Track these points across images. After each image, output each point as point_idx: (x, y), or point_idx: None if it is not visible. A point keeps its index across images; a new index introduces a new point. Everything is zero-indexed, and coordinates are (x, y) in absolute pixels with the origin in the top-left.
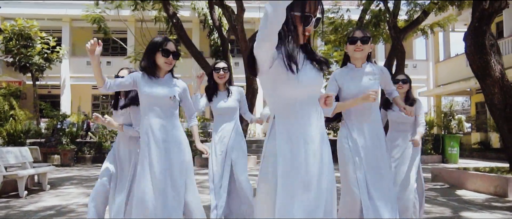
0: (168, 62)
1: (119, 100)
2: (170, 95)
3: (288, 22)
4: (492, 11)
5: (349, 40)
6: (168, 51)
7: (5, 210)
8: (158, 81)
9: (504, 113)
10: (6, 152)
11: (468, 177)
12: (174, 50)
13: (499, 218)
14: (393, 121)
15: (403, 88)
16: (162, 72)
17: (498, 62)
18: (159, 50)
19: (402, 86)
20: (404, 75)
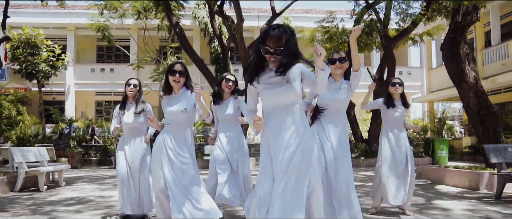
0: (176, 79)
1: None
2: (181, 109)
3: (257, 52)
4: (464, 24)
5: (329, 61)
6: (175, 71)
7: (31, 201)
8: (173, 99)
9: (478, 115)
10: (27, 151)
11: (447, 174)
12: (180, 69)
13: (465, 205)
14: (390, 118)
15: (399, 90)
16: (176, 89)
17: (472, 69)
18: (169, 72)
19: (398, 88)
20: (398, 79)
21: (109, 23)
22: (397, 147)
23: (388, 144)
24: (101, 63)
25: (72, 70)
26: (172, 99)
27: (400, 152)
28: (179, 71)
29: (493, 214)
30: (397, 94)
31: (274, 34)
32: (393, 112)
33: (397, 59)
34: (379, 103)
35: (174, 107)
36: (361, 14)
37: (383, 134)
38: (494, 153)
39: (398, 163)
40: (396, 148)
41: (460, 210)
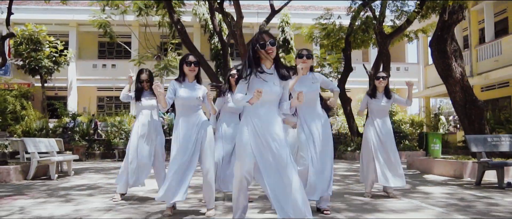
0: (191, 69)
1: (141, 93)
2: (196, 96)
3: (252, 53)
4: (451, 22)
5: (297, 55)
6: (190, 62)
7: (45, 187)
8: (188, 86)
9: (464, 109)
10: (38, 141)
11: (435, 164)
12: (194, 60)
13: (446, 190)
14: (373, 109)
15: (383, 83)
16: (190, 77)
17: (459, 65)
18: (184, 63)
19: (382, 82)
20: (383, 73)
21: (111, 20)
22: (382, 133)
23: (374, 131)
24: (103, 59)
25: (74, 66)
26: (187, 86)
27: (386, 138)
28: (194, 62)
29: (468, 196)
30: (381, 87)
31: (265, 32)
32: (377, 102)
33: (394, 56)
34: (365, 98)
35: (191, 94)
36: (358, 12)
37: (367, 123)
38: (475, 142)
39: (385, 147)
40: (381, 134)
41: (439, 194)
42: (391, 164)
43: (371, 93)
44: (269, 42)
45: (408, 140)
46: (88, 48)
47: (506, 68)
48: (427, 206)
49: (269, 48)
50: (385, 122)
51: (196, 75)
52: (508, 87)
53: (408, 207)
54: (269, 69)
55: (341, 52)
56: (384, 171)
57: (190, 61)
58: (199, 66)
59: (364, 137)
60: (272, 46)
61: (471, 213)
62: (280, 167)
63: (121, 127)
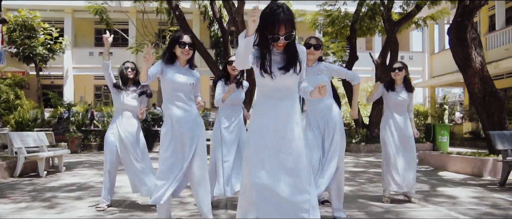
0: (185, 52)
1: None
2: (189, 82)
3: (262, 39)
4: (472, 7)
5: (305, 45)
6: (184, 43)
7: (31, 187)
8: (181, 70)
9: (483, 101)
10: (26, 135)
11: (450, 160)
12: (189, 42)
13: (471, 192)
14: (391, 103)
15: (399, 75)
16: (182, 61)
17: (479, 54)
18: (177, 43)
19: (398, 74)
20: (399, 63)
21: (107, 6)
22: (402, 132)
23: (390, 130)
24: (100, 47)
25: (70, 54)
26: (180, 70)
27: (406, 137)
28: (189, 44)
29: (499, 201)
30: (399, 79)
31: (283, 19)
32: (395, 96)
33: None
34: (381, 89)
35: (183, 79)
36: None
37: (384, 121)
38: (500, 139)
39: (402, 148)
40: (400, 132)
41: (466, 198)
42: (410, 166)
43: (388, 85)
44: (283, 37)
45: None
46: (85, 35)
47: None
48: (458, 215)
49: (281, 43)
50: (405, 119)
51: (189, 59)
52: None
53: (436, 216)
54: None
55: (346, 40)
56: (405, 175)
57: (184, 42)
58: (194, 49)
59: (382, 138)
60: (286, 41)
61: None
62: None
63: None
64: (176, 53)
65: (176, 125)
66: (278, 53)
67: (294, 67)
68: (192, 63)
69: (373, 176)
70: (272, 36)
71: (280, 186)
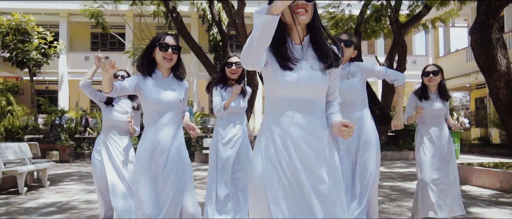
0: (167, 56)
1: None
2: (180, 98)
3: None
4: (499, 4)
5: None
6: (167, 45)
7: (5, 207)
8: (163, 83)
9: (510, 108)
10: (5, 147)
11: (473, 173)
12: (173, 43)
13: (507, 214)
14: (425, 114)
15: (435, 81)
16: (164, 71)
17: (504, 56)
18: (157, 45)
19: (433, 79)
20: (434, 66)
21: (103, 9)
22: (439, 148)
23: (425, 146)
24: (96, 51)
25: (65, 59)
26: (162, 83)
27: (442, 152)
28: (172, 46)
29: None
30: (433, 86)
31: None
32: (430, 106)
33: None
34: (413, 100)
35: (169, 95)
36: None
37: (419, 136)
38: None
39: (442, 166)
40: (437, 148)
41: None
42: (449, 187)
43: (421, 93)
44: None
45: None
46: (80, 40)
47: None
48: None
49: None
50: (443, 131)
51: (173, 67)
52: None
53: None
54: (299, 44)
55: None
56: (442, 197)
57: (166, 44)
58: (178, 53)
59: (417, 154)
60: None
61: None
62: None
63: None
64: (156, 59)
65: (157, 155)
66: (298, 45)
67: (329, 61)
68: (178, 72)
69: (390, 191)
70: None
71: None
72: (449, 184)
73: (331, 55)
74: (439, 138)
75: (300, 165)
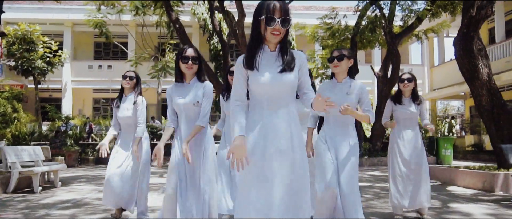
0: (188, 67)
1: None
2: (193, 102)
3: (254, 28)
4: (479, 18)
5: (328, 59)
6: (187, 57)
7: (24, 203)
8: (184, 90)
9: (492, 114)
10: (21, 150)
11: (459, 174)
12: (192, 55)
13: (485, 209)
14: (399, 117)
15: (408, 87)
16: (187, 77)
17: (485, 65)
18: (180, 58)
19: (407, 85)
20: (408, 74)
21: (107, 19)
22: (410, 148)
23: (398, 147)
24: (99, 60)
25: (69, 67)
26: (183, 89)
27: (414, 152)
28: (192, 57)
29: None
30: (407, 91)
31: (280, 4)
32: (403, 109)
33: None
34: (389, 104)
35: (186, 99)
36: (365, 10)
37: (392, 136)
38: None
39: (413, 164)
40: (409, 148)
41: (481, 215)
42: (421, 183)
43: (395, 98)
44: (279, 21)
45: None
46: (84, 49)
47: None
48: None
49: (275, 29)
50: (415, 132)
51: (197, 73)
52: None
53: None
54: (274, 51)
55: None
56: (417, 192)
57: (187, 57)
58: (199, 62)
59: (390, 153)
60: (282, 27)
61: None
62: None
63: None
64: (181, 68)
65: (178, 150)
66: (271, 52)
67: (289, 67)
68: (200, 76)
69: (379, 191)
70: (267, 16)
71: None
72: (420, 180)
73: (290, 60)
74: (411, 138)
75: (272, 149)
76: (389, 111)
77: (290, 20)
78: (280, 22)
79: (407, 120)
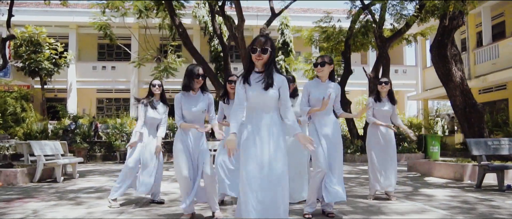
0: (199, 82)
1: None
2: (202, 110)
3: (249, 54)
4: (451, 27)
5: (313, 64)
6: (198, 75)
7: (53, 190)
8: (192, 99)
9: (464, 112)
10: (44, 144)
11: (435, 167)
12: (202, 73)
13: (448, 193)
14: (377, 113)
15: (385, 89)
16: (195, 89)
17: (459, 69)
18: (192, 75)
19: (384, 87)
20: (385, 78)
21: (111, 22)
22: (384, 139)
23: (375, 137)
24: (103, 61)
25: (74, 68)
26: (192, 99)
27: (387, 143)
28: (202, 75)
29: (470, 199)
30: (384, 92)
31: (262, 38)
32: (380, 107)
33: (393, 58)
34: (370, 101)
35: (197, 107)
36: (357, 15)
37: (369, 129)
38: (476, 146)
39: (386, 154)
40: (383, 140)
41: (442, 197)
42: (391, 169)
43: (376, 97)
44: (259, 50)
45: (407, 143)
46: (88, 50)
47: (504, 71)
48: (431, 208)
49: (258, 56)
50: (388, 128)
51: (201, 86)
52: (505, 90)
53: (412, 209)
54: (260, 72)
55: (340, 55)
56: (387, 176)
57: (199, 74)
58: (205, 78)
59: (367, 143)
60: (262, 54)
61: (474, 215)
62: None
63: (123, 130)
64: (190, 81)
65: (189, 144)
66: (259, 73)
67: (268, 84)
68: (204, 88)
69: (364, 181)
70: (251, 48)
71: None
72: (391, 166)
73: (270, 81)
74: (385, 132)
75: (259, 145)
76: (371, 107)
77: (268, 50)
78: (260, 51)
79: (382, 116)
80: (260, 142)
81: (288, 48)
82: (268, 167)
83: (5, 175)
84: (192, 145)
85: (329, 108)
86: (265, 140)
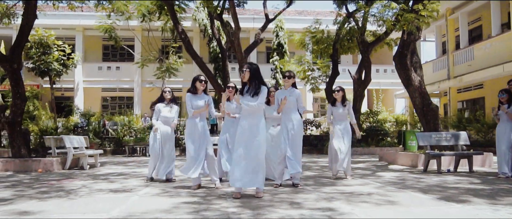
0: (202, 86)
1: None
2: (204, 103)
3: None
4: (409, 41)
5: (282, 75)
6: (202, 80)
7: (85, 174)
8: (198, 97)
9: (422, 111)
10: (72, 138)
11: (398, 156)
12: (205, 79)
13: (396, 174)
14: (335, 114)
15: (338, 95)
16: (200, 91)
17: (418, 75)
18: (198, 81)
19: (337, 94)
20: (338, 87)
21: (115, 25)
22: (342, 133)
23: (336, 132)
24: (107, 62)
25: (81, 68)
26: (197, 97)
27: (345, 136)
28: (205, 80)
29: (407, 177)
30: (338, 97)
31: (247, 64)
32: (337, 110)
33: (380, 59)
34: (329, 106)
35: (201, 102)
36: (343, 23)
37: (333, 125)
38: (422, 138)
39: (344, 143)
40: (342, 133)
41: (389, 176)
42: (344, 155)
43: (332, 102)
44: (242, 70)
45: (389, 137)
46: (94, 51)
47: (478, 72)
48: (372, 182)
49: (241, 75)
50: (345, 125)
51: (204, 89)
52: (482, 89)
53: (358, 183)
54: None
55: (329, 57)
56: (344, 161)
57: (202, 80)
58: (207, 82)
59: (330, 135)
60: (243, 73)
61: (399, 185)
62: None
63: (131, 126)
64: (196, 86)
65: (197, 131)
66: (248, 86)
67: (253, 95)
68: (206, 91)
69: None
70: (240, 70)
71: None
72: (346, 153)
73: (254, 93)
74: (343, 128)
75: (248, 137)
76: (330, 112)
77: (245, 70)
78: (243, 71)
79: (338, 116)
80: (246, 133)
81: (282, 49)
82: (253, 148)
83: (44, 163)
84: (199, 132)
85: (293, 109)
86: (251, 133)
